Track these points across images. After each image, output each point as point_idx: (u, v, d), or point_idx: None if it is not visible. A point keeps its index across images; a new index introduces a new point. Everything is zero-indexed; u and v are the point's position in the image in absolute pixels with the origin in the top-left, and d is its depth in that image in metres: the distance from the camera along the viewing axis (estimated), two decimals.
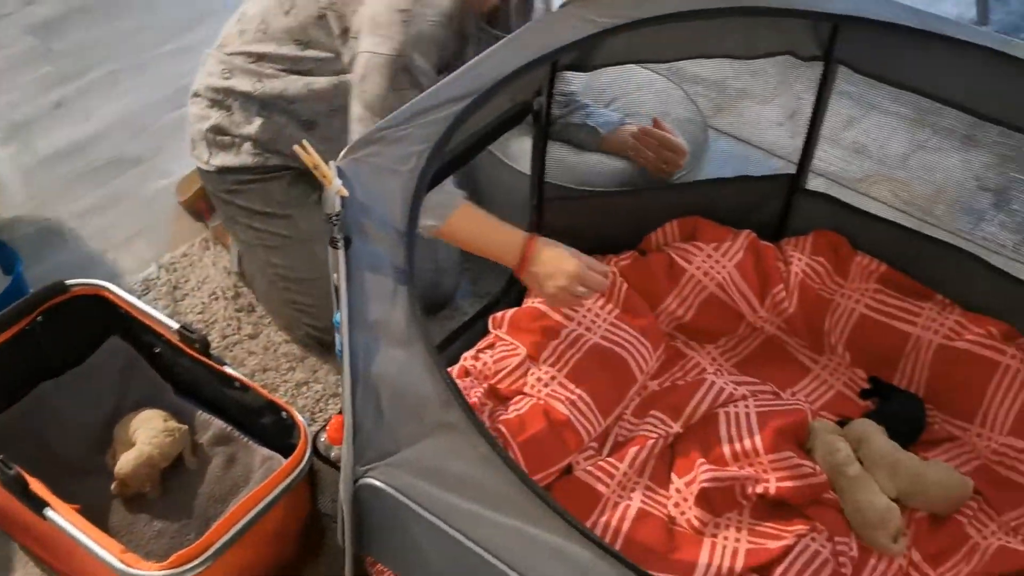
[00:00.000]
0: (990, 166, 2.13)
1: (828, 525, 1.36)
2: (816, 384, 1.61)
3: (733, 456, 1.43)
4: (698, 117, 1.90)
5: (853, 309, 1.63)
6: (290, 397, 1.62)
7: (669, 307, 1.65)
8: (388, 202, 1.04)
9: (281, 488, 1.24)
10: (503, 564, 0.75)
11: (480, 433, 0.84)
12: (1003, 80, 1.37)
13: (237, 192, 1.69)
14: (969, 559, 1.36)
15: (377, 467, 0.82)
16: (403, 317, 0.93)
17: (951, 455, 1.50)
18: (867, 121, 2.26)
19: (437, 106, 1.17)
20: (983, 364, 1.52)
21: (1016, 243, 1.96)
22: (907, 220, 1.97)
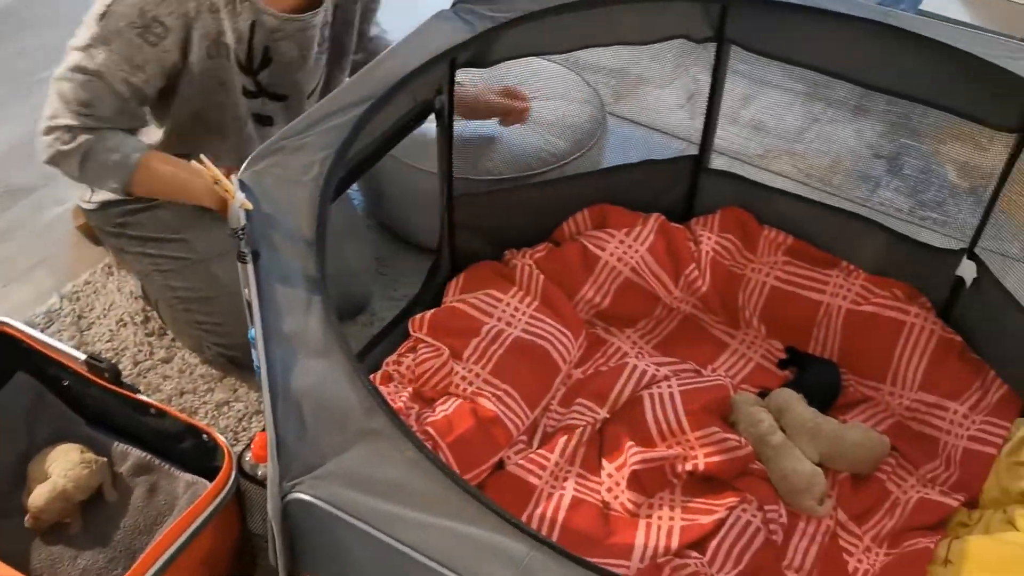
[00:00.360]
0: (882, 134, 2.21)
1: (757, 495, 1.39)
2: (735, 358, 1.65)
3: (660, 436, 1.45)
4: (595, 99, 1.92)
5: (764, 282, 1.67)
6: (211, 419, 1.58)
7: (586, 295, 1.66)
8: (294, 212, 1.02)
9: (208, 512, 1.20)
10: (439, 565, 0.75)
11: (406, 436, 0.84)
12: (886, 50, 1.42)
13: (125, 224, 1.64)
14: (892, 513, 1.41)
15: (304, 481, 0.80)
16: (319, 327, 0.92)
17: (867, 416, 1.55)
18: (763, 98, 2.32)
19: (337, 111, 1.15)
20: (890, 325, 1.57)
21: (911, 206, 2.03)
22: (808, 191, 2.03)
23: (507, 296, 1.59)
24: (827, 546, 1.37)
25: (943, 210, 2.01)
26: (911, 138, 2.19)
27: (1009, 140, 1.41)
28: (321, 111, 1.15)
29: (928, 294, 1.61)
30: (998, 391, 1.49)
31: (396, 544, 0.77)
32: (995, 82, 1.32)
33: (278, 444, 0.82)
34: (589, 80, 1.98)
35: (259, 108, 1.60)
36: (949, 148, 2.16)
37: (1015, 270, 1.85)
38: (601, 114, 1.90)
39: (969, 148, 2.13)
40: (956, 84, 1.37)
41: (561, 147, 1.79)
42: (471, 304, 1.58)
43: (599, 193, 1.73)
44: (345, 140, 1.11)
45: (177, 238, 1.62)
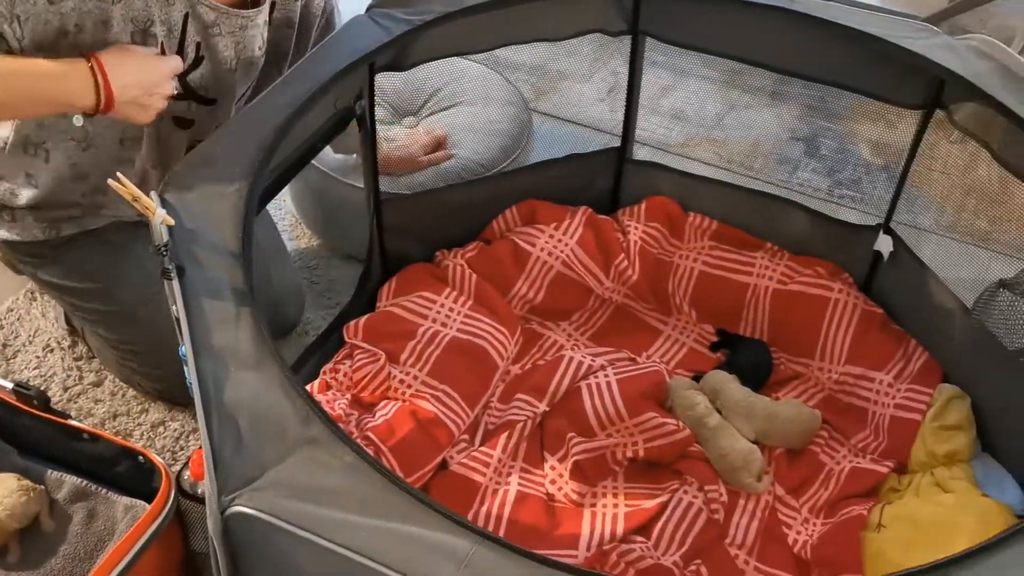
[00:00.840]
0: (799, 117, 2.27)
1: (697, 476, 1.42)
2: (668, 344, 1.68)
3: (600, 426, 1.47)
4: (519, 99, 1.93)
5: (692, 268, 1.70)
6: (147, 440, 1.56)
7: (520, 291, 1.68)
8: (218, 226, 1.01)
9: (148, 535, 1.19)
10: (383, 567, 0.75)
11: (344, 442, 0.84)
12: (793, 36, 1.46)
13: (36, 265, 1.48)
14: (827, 484, 1.45)
15: (243, 494, 0.80)
16: (250, 339, 0.91)
17: (799, 391, 1.59)
18: (682, 87, 2.36)
19: (257, 122, 1.15)
20: (815, 302, 1.61)
21: (830, 186, 2.09)
22: (730, 177, 2.07)
23: (441, 297, 1.60)
24: (767, 520, 1.40)
25: (859, 188, 2.08)
26: (827, 120, 2.25)
27: (915, 117, 1.46)
28: (240, 122, 1.14)
29: (849, 270, 1.66)
30: (919, 359, 1.54)
31: (339, 549, 0.77)
32: (899, 62, 1.36)
33: (215, 459, 0.82)
34: (511, 78, 1.99)
35: (183, 111, 1.41)
36: (862, 128, 2.23)
37: (929, 241, 1.93)
38: (526, 115, 1.91)
39: (881, 127, 2.20)
40: (862, 66, 1.41)
41: (489, 157, 1.80)
42: (405, 307, 1.58)
43: (526, 189, 1.75)
44: (267, 150, 1.10)
45: (95, 288, 1.48)
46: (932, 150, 1.75)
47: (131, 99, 1.18)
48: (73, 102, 1.15)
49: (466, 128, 1.84)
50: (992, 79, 1.25)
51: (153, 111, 1.22)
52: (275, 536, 0.80)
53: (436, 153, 1.79)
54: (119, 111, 1.19)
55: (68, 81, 1.13)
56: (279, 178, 1.25)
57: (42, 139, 1.36)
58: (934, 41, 1.33)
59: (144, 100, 1.20)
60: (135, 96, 1.19)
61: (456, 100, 1.90)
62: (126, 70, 1.16)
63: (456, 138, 1.82)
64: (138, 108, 1.20)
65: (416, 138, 1.80)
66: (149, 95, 1.20)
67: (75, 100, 1.14)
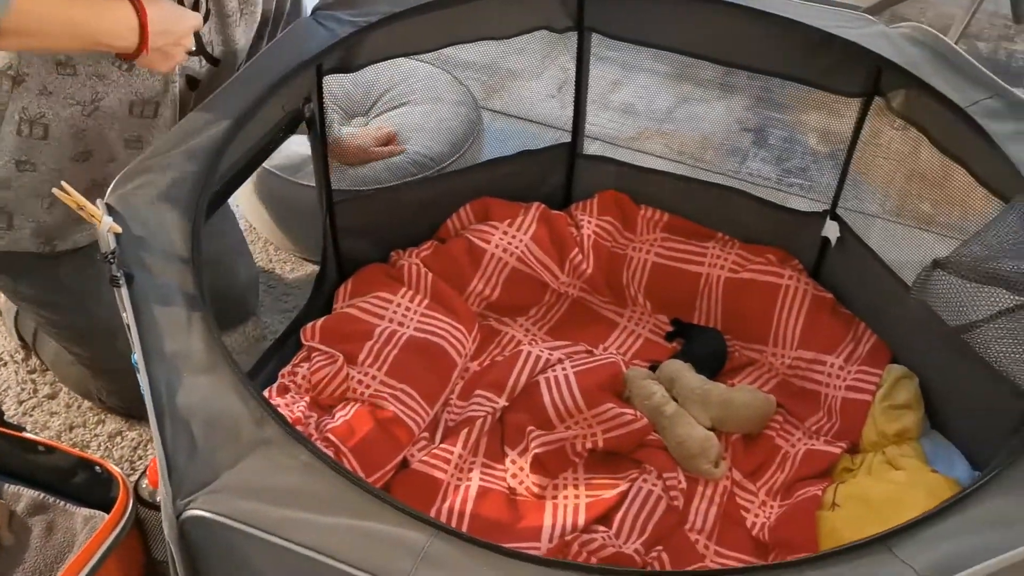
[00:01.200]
0: (747, 108, 2.30)
1: (656, 464, 1.44)
2: (624, 336, 1.70)
3: (559, 418, 1.48)
4: (469, 98, 1.94)
5: (645, 260, 1.72)
6: (104, 451, 1.55)
7: (476, 288, 1.69)
8: (167, 232, 1.01)
9: (108, 544, 1.18)
10: (339, 563, 0.76)
11: (299, 442, 0.84)
12: (735, 28, 1.48)
13: (15, 278, 1.43)
14: (783, 467, 1.48)
15: (198, 497, 0.80)
16: (202, 344, 0.91)
17: (753, 378, 1.62)
18: (632, 82, 2.38)
19: (204, 127, 1.14)
20: (766, 289, 1.64)
21: (778, 174, 2.13)
22: (682, 168, 2.10)
23: (397, 297, 1.60)
24: (725, 505, 1.43)
25: (807, 176, 2.11)
26: (774, 110, 2.29)
27: (856, 105, 1.49)
28: (188, 127, 1.14)
29: (799, 256, 1.69)
30: (869, 341, 1.58)
31: (296, 548, 0.77)
32: (838, 51, 1.39)
33: (168, 464, 0.82)
34: (461, 78, 2.00)
35: (195, 69, 1.37)
36: (809, 117, 2.27)
37: (876, 226, 1.97)
38: (475, 113, 1.92)
39: (826, 115, 2.23)
40: (802, 56, 1.44)
41: (438, 151, 1.81)
42: (361, 308, 1.58)
43: (479, 187, 1.76)
44: (214, 155, 1.10)
45: (75, 304, 1.43)
46: (876, 137, 1.78)
47: (160, 46, 1.16)
48: (112, 41, 1.11)
49: (415, 127, 1.85)
50: (926, 66, 1.28)
51: (174, 62, 1.21)
52: (232, 538, 0.80)
53: (388, 147, 1.79)
54: (147, 58, 1.17)
55: (109, 18, 1.09)
56: (228, 183, 1.25)
57: (40, 112, 1.29)
58: (870, 30, 1.36)
59: (170, 49, 1.18)
60: (164, 44, 1.16)
61: (405, 100, 1.91)
62: (162, 16, 1.14)
63: (405, 135, 1.83)
64: (162, 56, 1.18)
65: (368, 131, 1.81)
66: (175, 44, 1.19)
67: (114, 39, 1.11)
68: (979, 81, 1.25)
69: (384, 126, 1.85)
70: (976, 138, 1.18)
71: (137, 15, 1.11)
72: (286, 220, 1.87)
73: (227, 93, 1.21)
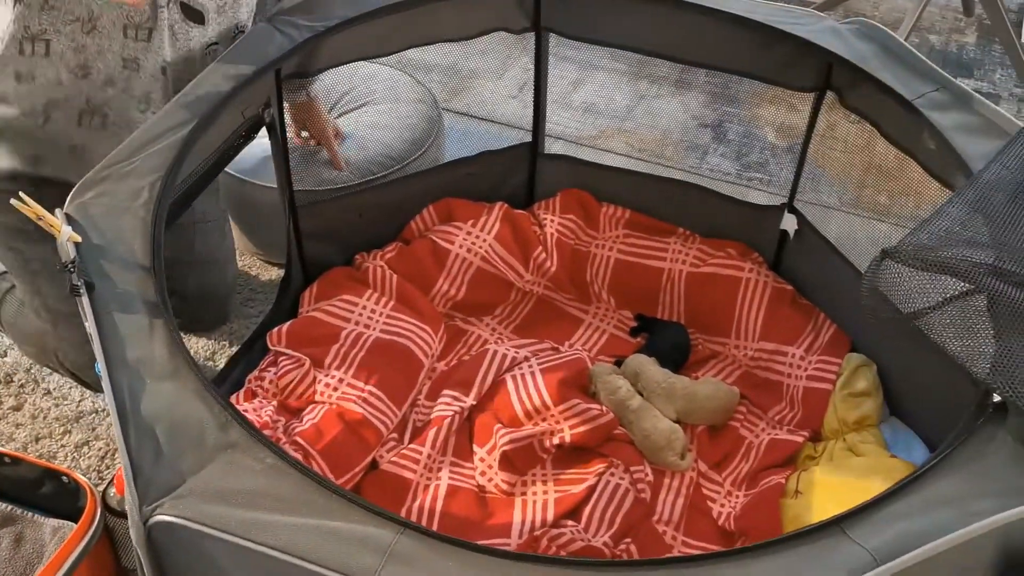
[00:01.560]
0: (705, 104, 2.33)
1: (623, 458, 1.46)
2: (590, 332, 1.72)
3: (526, 415, 1.50)
4: (428, 97, 1.95)
5: (608, 256, 1.74)
6: (71, 462, 1.54)
7: (441, 289, 1.70)
8: (127, 240, 1.01)
9: (77, 554, 1.18)
10: (307, 563, 0.77)
11: (264, 445, 0.85)
12: (688, 26, 1.50)
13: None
14: (747, 457, 1.50)
15: (164, 502, 0.81)
16: (164, 351, 0.92)
17: (717, 370, 1.65)
18: (592, 81, 2.40)
19: (162, 134, 1.15)
20: (728, 282, 1.67)
21: (738, 169, 2.16)
22: (643, 166, 2.12)
23: (362, 299, 1.61)
24: (692, 496, 1.45)
25: (766, 170, 2.14)
26: (732, 106, 2.32)
27: (809, 99, 1.52)
28: (146, 135, 1.14)
29: (759, 249, 1.72)
30: (828, 331, 1.61)
31: (263, 549, 0.78)
32: (789, 48, 1.42)
33: (134, 470, 0.82)
34: (423, 80, 2.01)
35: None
36: (766, 112, 2.31)
37: (835, 218, 2.00)
38: (435, 112, 1.93)
39: (783, 110, 2.27)
40: (755, 52, 1.47)
41: (399, 149, 1.82)
42: (327, 311, 1.59)
43: (442, 188, 1.77)
44: (173, 162, 1.11)
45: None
46: (833, 130, 1.82)
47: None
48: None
49: (374, 125, 1.86)
50: (874, 61, 1.31)
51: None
52: (199, 542, 0.81)
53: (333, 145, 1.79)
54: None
55: None
56: (190, 189, 1.26)
57: (43, 28, 1.32)
58: (819, 26, 1.39)
59: None
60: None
61: (365, 101, 1.91)
62: None
63: (365, 135, 1.84)
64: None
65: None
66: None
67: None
68: (925, 74, 1.28)
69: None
70: (923, 130, 1.22)
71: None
72: (250, 224, 1.87)
73: (185, 99, 1.21)
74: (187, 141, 1.14)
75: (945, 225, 0.97)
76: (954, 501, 0.82)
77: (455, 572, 0.77)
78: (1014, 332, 0.93)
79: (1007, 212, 1.03)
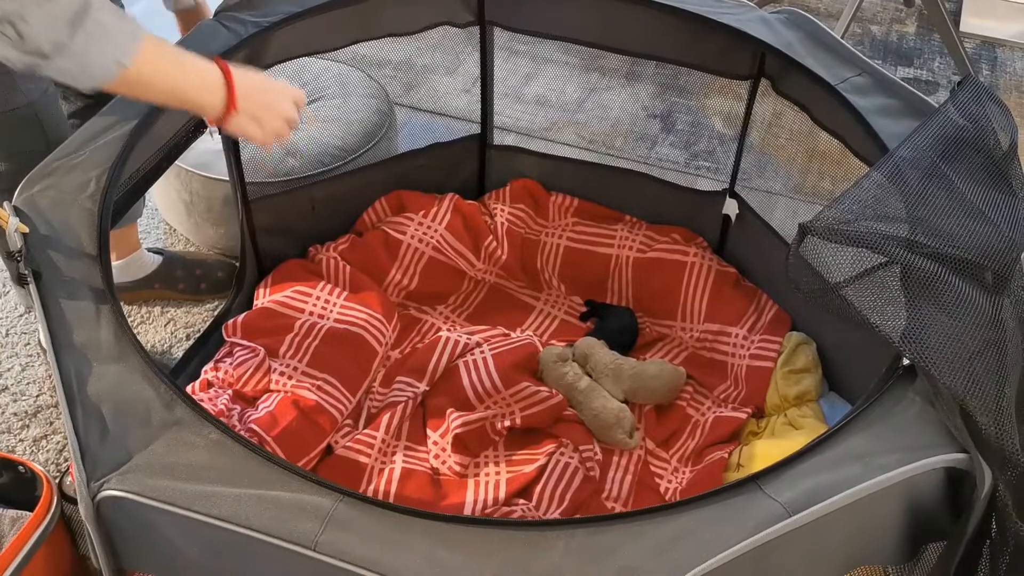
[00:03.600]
0: (654, 95, 2.38)
1: (573, 438, 1.50)
2: (541, 318, 1.76)
3: (478, 399, 1.53)
4: (380, 92, 1.99)
5: (558, 244, 1.79)
6: (30, 455, 1.56)
7: (394, 279, 1.73)
8: (74, 231, 1.04)
9: (33, 541, 1.21)
10: (249, 530, 0.80)
11: (208, 421, 0.88)
12: (626, 18, 1.55)
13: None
14: (693, 434, 1.55)
15: (111, 478, 0.84)
16: (111, 335, 0.95)
17: (664, 352, 1.69)
18: (544, 75, 2.45)
19: (109, 128, 1.17)
20: (673, 267, 1.72)
21: (687, 158, 2.21)
22: (594, 156, 2.17)
23: (316, 290, 1.64)
24: (640, 473, 1.50)
25: (714, 158, 2.20)
26: (680, 96, 2.37)
27: (745, 87, 1.57)
28: (92, 128, 1.17)
29: (703, 234, 1.77)
30: (770, 312, 1.66)
31: (208, 520, 0.82)
32: (722, 37, 1.47)
33: (81, 449, 0.85)
34: (376, 75, 2.04)
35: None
36: (713, 102, 2.36)
37: (780, 204, 2.06)
38: (387, 106, 1.97)
39: (730, 100, 2.33)
40: (691, 42, 1.52)
41: (350, 142, 1.85)
42: (281, 302, 1.62)
43: (394, 180, 1.80)
44: (119, 155, 1.13)
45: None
46: (779, 118, 1.87)
47: (249, 110, 1.15)
48: (200, 95, 1.10)
49: (326, 119, 1.88)
50: (801, 48, 1.36)
51: (271, 132, 1.19)
52: (145, 514, 0.84)
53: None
54: (237, 122, 1.15)
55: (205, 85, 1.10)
56: (140, 182, 1.28)
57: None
58: (750, 15, 1.44)
59: (262, 114, 1.17)
60: (253, 108, 1.15)
61: (316, 96, 1.94)
62: (250, 79, 1.15)
63: (318, 129, 1.86)
64: (254, 122, 1.16)
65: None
66: (268, 109, 1.17)
67: (202, 92, 1.10)
68: (848, 60, 1.33)
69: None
70: (847, 113, 1.27)
71: (223, 74, 1.11)
72: (204, 217, 1.89)
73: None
74: (133, 135, 1.17)
75: (859, 199, 1.02)
76: (863, 457, 0.87)
77: (390, 534, 0.81)
78: (924, 301, 0.98)
79: (921, 188, 1.08)
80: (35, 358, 1.68)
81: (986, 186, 1.09)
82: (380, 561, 0.79)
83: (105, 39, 0.95)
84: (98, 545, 0.88)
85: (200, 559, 0.86)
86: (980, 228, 1.04)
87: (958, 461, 0.88)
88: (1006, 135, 1.13)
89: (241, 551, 0.83)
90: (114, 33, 0.96)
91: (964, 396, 0.86)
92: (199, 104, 1.12)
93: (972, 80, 1.17)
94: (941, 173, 1.09)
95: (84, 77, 0.96)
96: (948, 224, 1.03)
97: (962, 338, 0.92)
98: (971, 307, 0.94)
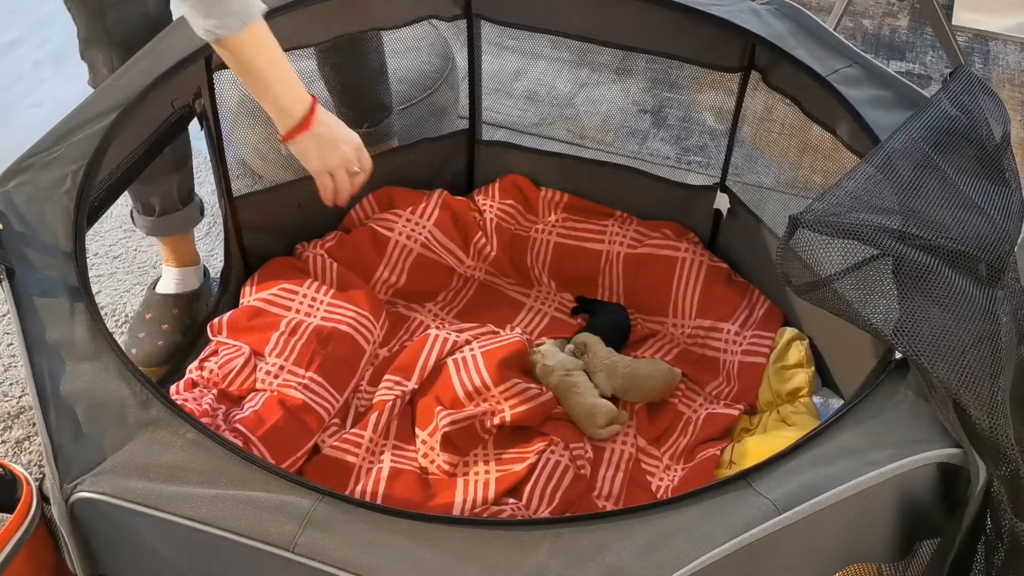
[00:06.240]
0: (645, 90, 2.36)
1: (563, 436, 1.48)
2: (532, 315, 1.74)
3: (468, 397, 1.51)
4: None
5: (547, 240, 1.77)
6: (12, 457, 1.54)
7: (382, 276, 1.71)
8: (49, 228, 1.02)
9: (13, 544, 1.17)
10: (226, 532, 0.78)
11: (185, 420, 0.86)
12: (616, 11, 1.53)
13: None
14: (685, 431, 1.54)
15: (85, 479, 0.82)
16: (85, 333, 0.93)
17: (656, 348, 1.68)
18: (534, 69, 2.43)
19: (86, 123, 1.15)
20: (664, 262, 1.70)
21: (678, 153, 2.19)
22: (586, 152, 2.15)
23: (303, 288, 1.62)
24: (631, 471, 1.48)
25: (706, 153, 2.18)
26: (671, 91, 2.35)
27: (735, 80, 1.55)
28: (69, 123, 1.14)
29: (694, 229, 1.75)
30: (762, 307, 1.64)
31: (184, 521, 0.80)
32: (712, 29, 1.45)
33: (54, 449, 0.83)
34: None
35: None
36: (704, 96, 2.34)
37: (772, 198, 2.04)
38: None
39: (722, 94, 2.31)
40: (681, 35, 1.50)
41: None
42: (267, 300, 1.60)
43: (382, 176, 1.77)
44: (96, 151, 1.11)
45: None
46: (770, 112, 1.86)
47: (322, 137, 1.26)
48: (284, 101, 1.21)
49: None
50: (791, 39, 1.35)
51: (327, 164, 1.29)
52: (120, 517, 0.82)
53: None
54: (304, 143, 1.26)
55: (293, 94, 1.22)
56: (120, 179, 1.26)
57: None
58: (739, 7, 1.42)
59: (328, 151, 1.28)
60: (324, 138, 1.26)
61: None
62: (327, 115, 1.26)
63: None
64: (318, 150, 1.27)
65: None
66: (335, 149, 1.29)
67: (286, 99, 1.21)
68: (839, 51, 1.32)
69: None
70: (837, 105, 1.25)
71: (310, 100, 1.24)
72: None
73: (110, 87, 1.22)
74: (111, 130, 1.15)
75: (850, 191, 1.00)
76: (854, 452, 0.85)
77: (372, 535, 0.79)
78: (917, 293, 0.96)
79: (913, 179, 1.06)
80: (17, 359, 1.66)
81: (979, 177, 1.08)
82: (361, 562, 0.77)
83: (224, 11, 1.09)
84: (73, 548, 0.86)
85: (177, 561, 0.84)
86: (973, 219, 1.02)
87: (952, 456, 0.86)
88: (999, 125, 1.11)
89: (219, 553, 0.81)
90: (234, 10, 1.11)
91: (957, 389, 0.85)
92: (279, 104, 1.21)
93: (964, 70, 1.15)
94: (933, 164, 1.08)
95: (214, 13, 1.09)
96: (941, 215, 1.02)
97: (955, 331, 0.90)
98: (964, 299, 0.93)
